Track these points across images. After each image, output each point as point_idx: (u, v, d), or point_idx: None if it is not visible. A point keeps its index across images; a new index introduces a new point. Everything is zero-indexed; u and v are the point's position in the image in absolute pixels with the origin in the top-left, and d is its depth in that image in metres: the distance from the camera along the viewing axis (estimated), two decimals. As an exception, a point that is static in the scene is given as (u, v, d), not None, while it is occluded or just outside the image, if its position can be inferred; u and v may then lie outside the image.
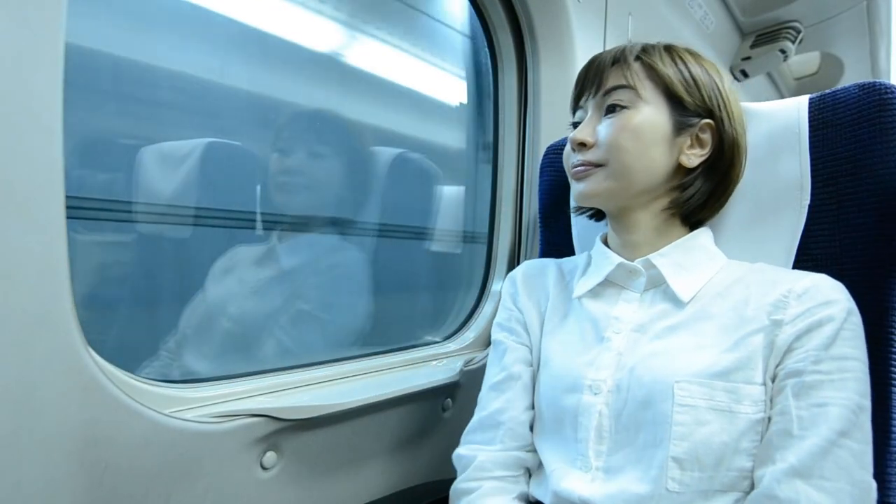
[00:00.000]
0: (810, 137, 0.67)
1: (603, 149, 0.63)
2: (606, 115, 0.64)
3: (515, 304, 0.74)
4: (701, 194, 0.65)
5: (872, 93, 0.63)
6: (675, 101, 0.63)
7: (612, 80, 0.64)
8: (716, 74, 0.65)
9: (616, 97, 0.63)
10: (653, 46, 0.65)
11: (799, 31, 1.73)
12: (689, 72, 0.63)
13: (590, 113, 0.66)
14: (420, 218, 1.22)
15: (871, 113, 0.63)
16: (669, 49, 0.65)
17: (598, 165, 0.64)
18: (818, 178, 0.67)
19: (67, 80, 0.49)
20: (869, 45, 1.83)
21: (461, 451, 0.70)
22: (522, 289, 0.75)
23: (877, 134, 0.62)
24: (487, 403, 0.71)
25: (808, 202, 0.67)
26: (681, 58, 0.64)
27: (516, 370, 0.70)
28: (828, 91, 0.68)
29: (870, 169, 0.63)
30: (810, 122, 0.68)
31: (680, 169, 0.64)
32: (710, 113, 0.63)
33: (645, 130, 0.62)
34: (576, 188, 0.66)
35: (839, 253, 0.65)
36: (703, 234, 0.67)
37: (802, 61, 2.18)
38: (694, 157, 0.64)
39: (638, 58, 0.64)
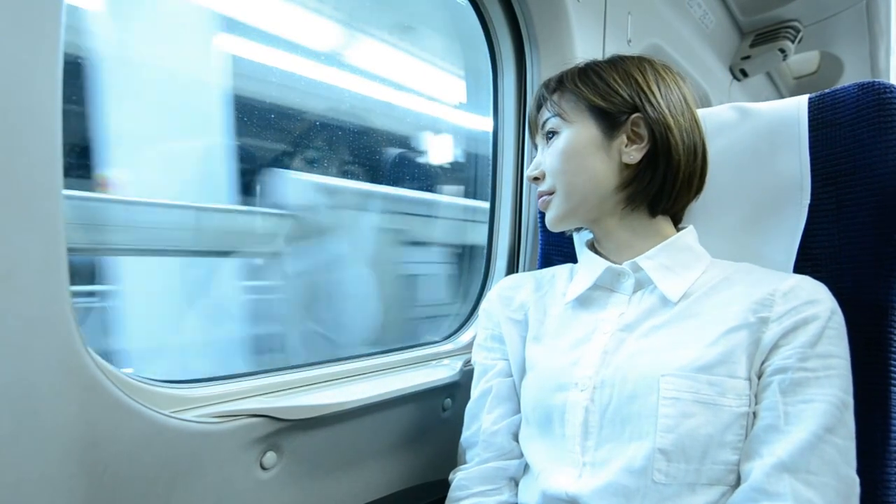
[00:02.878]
0: (810, 137, 0.67)
1: (550, 177, 0.70)
2: (547, 144, 0.71)
3: (491, 320, 0.77)
4: (654, 183, 0.66)
5: (872, 92, 0.63)
6: (596, 111, 0.67)
7: (542, 117, 0.71)
8: (637, 69, 0.68)
9: (549, 126, 0.70)
10: (567, 73, 0.71)
11: (798, 31, 1.73)
12: (602, 80, 0.67)
13: (539, 149, 0.73)
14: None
15: (871, 112, 0.63)
16: (584, 69, 0.70)
17: (551, 193, 0.70)
18: (818, 178, 0.67)
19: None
20: (868, 44, 1.83)
21: (450, 476, 0.73)
22: (498, 305, 0.76)
23: (876, 133, 0.62)
24: (468, 424, 0.74)
25: (808, 202, 0.67)
26: (594, 71, 0.69)
27: (490, 385, 0.73)
28: (827, 91, 0.68)
29: (869, 168, 0.63)
30: (810, 121, 0.68)
31: (627, 167, 0.66)
32: (633, 107, 0.66)
33: (576, 146, 0.67)
34: (546, 217, 0.72)
35: (839, 253, 0.65)
36: (688, 235, 0.67)
37: (802, 61, 2.18)
38: (634, 152, 0.66)
39: (554, 90, 0.70)
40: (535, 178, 0.72)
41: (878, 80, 0.63)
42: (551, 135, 0.70)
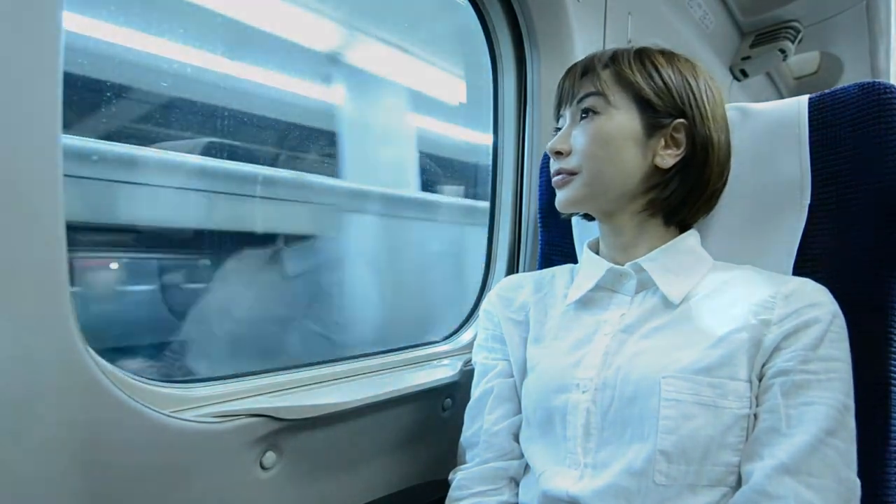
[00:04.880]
0: (810, 137, 0.67)
1: (577, 156, 0.65)
2: (581, 121, 0.66)
3: (492, 320, 0.76)
4: (678, 194, 0.65)
5: (872, 93, 0.63)
6: (644, 104, 0.64)
7: (583, 89, 0.66)
8: (690, 74, 0.66)
9: (588, 103, 0.65)
10: (623, 52, 0.66)
11: (798, 31, 1.73)
12: (659, 74, 0.64)
13: (567, 121, 0.68)
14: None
15: (871, 113, 0.63)
16: (640, 54, 0.66)
17: (573, 173, 0.66)
18: (818, 178, 0.67)
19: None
20: (868, 44, 1.83)
21: (450, 475, 0.73)
22: (499, 305, 0.76)
23: (876, 134, 0.62)
24: (469, 424, 0.74)
25: (808, 202, 0.67)
26: (651, 61, 0.65)
27: (491, 385, 0.73)
28: (827, 91, 0.68)
29: (870, 169, 0.63)
30: (810, 121, 0.68)
31: (658, 170, 0.65)
32: (682, 112, 0.64)
33: (615, 136, 0.64)
34: (557, 196, 0.69)
35: (839, 253, 0.65)
36: (690, 237, 0.67)
37: (802, 61, 2.18)
38: (668, 157, 0.64)
39: (606, 66, 0.66)
40: (559, 153, 0.67)
41: (878, 81, 0.63)
42: (587, 112, 0.65)
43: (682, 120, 0.64)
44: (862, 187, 0.64)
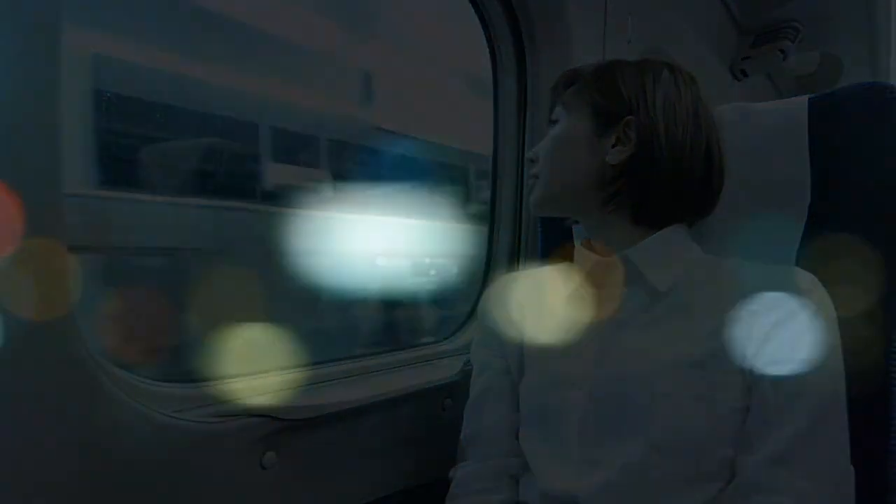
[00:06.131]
0: (810, 137, 0.67)
1: (539, 161, 0.71)
2: None
3: (490, 319, 0.76)
4: (634, 189, 0.64)
5: (872, 93, 0.63)
6: (595, 107, 0.66)
7: (555, 103, 0.72)
8: (650, 73, 0.65)
9: (553, 115, 0.71)
10: (587, 67, 0.70)
11: (798, 31, 1.73)
12: (612, 77, 0.66)
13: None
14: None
15: (871, 113, 0.63)
16: (601, 66, 0.69)
17: (537, 177, 0.71)
18: (818, 178, 0.67)
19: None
20: (868, 44, 1.83)
21: (450, 474, 0.73)
22: (497, 304, 0.76)
23: (877, 134, 0.62)
24: (468, 422, 0.74)
25: (808, 202, 0.67)
26: (609, 68, 0.67)
27: (490, 383, 0.73)
28: (827, 91, 0.68)
29: (870, 168, 0.63)
30: (810, 122, 0.68)
31: (612, 167, 0.64)
32: (630, 110, 0.64)
33: (566, 138, 0.68)
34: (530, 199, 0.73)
35: (839, 253, 0.65)
36: (677, 230, 0.66)
37: (802, 61, 2.18)
38: (618, 153, 0.64)
39: (570, 81, 0.70)
40: (531, 161, 0.73)
41: (878, 81, 0.63)
42: (553, 122, 0.71)
43: (630, 116, 0.63)
44: (862, 187, 0.64)
